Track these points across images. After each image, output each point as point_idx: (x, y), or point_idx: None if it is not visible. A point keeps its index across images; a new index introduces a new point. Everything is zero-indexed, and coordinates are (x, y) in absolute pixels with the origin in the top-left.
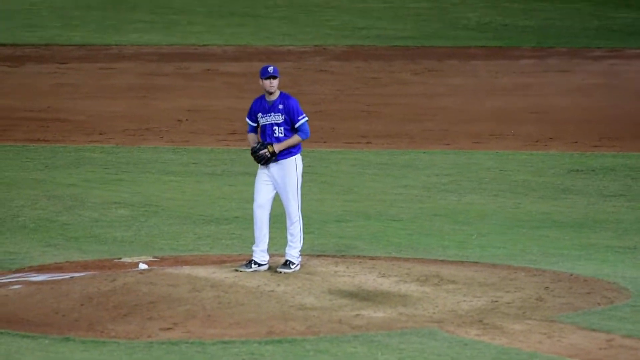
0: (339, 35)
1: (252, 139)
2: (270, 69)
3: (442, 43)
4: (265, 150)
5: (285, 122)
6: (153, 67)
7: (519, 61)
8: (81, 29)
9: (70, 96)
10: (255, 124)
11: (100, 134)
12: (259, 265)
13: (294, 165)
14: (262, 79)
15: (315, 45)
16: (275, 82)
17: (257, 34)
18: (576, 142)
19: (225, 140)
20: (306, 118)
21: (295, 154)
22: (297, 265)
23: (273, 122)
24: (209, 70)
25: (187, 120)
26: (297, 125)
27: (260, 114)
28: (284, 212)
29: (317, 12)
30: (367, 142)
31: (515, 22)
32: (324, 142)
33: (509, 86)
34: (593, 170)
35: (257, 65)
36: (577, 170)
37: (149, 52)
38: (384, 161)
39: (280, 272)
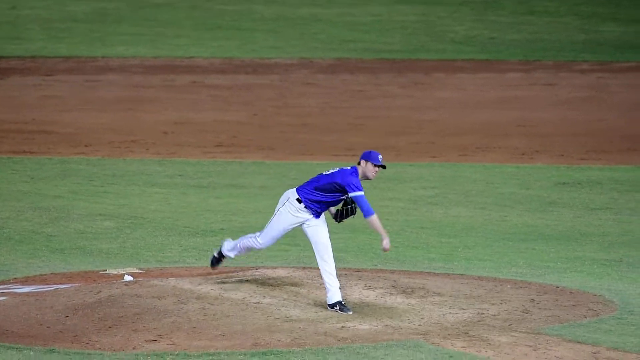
0: (325, 48)
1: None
2: (381, 157)
3: (429, 56)
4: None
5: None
6: (139, 79)
7: (506, 74)
8: (67, 41)
9: (56, 108)
10: None
11: (86, 146)
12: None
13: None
14: (373, 164)
15: (302, 58)
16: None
17: (243, 47)
18: (563, 155)
19: (211, 152)
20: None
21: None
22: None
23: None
24: (195, 82)
25: (173, 132)
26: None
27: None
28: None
29: (303, 25)
30: (354, 155)
31: (502, 35)
32: (311, 154)
33: (496, 99)
34: (579, 184)
35: (244, 78)
36: (564, 183)
37: (135, 65)
38: None
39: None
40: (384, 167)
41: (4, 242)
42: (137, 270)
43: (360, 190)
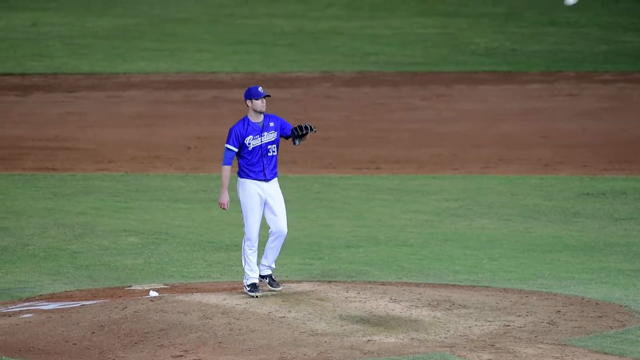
0: (347, 61)
1: (229, 174)
2: (261, 88)
3: (451, 68)
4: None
5: (277, 139)
6: (161, 94)
7: (528, 85)
8: (89, 57)
9: (79, 125)
10: (236, 150)
11: (109, 162)
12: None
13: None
14: (254, 99)
15: (323, 72)
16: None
17: (265, 61)
18: (586, 165)
19: (234, 167)
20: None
21: None
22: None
23: (269, 140)
24: (217, 97)
25: (195, 147)
26: (292, 128)
27: (250, 137)
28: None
29: (324, 38)
30: (376, 168)
31: (523, 47)
32: (333, 167)
33: (518, 111)
34: (603, 194)
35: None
36: (587, 194)
37: (157, 80)
38: (393, 186)
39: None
40: (268, 95)
41: (29, 259)
42: (162, 286)
43: (226, 143)
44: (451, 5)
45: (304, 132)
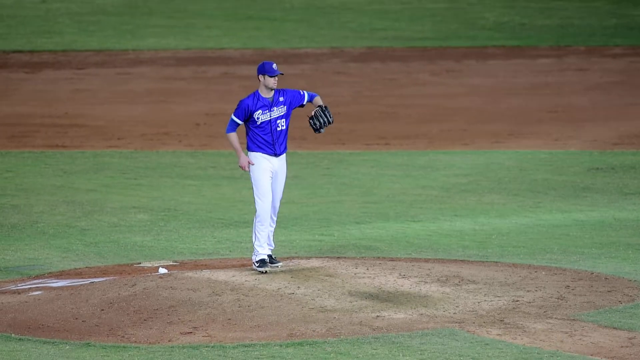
0: (356, 37)
1: (236, 137)
2: (275, 66)
3: (460, 43)
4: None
5: (287, 114)
6: (170, 71)
7: (537, 60)
8: (98, 34)
9: (88, 102)
10: (241, 123)
11: (119, 139)
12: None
13: None
14: (268, 75)
15: (333, 47)
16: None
17: (274, 37)
18: (595, 140)
19: (243, 143)
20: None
21: None
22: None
23: (278, 115)
24: (226, 73)
25: (205, 123)
26: (306, 95)
27: (260, 112)
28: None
29: (334, 14)
30: (386, 144)
31: (533, 21)
32: (343, 143)
33: (528, 85)
34: (613, 168)
35: None
36: (597, 169)
37: (166, 57)
38: (402, 162)
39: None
40: (281, 73)
41: (39, 237)
42: (172, 263)
43: (233, 114)
44: None
45: (319, 115)
